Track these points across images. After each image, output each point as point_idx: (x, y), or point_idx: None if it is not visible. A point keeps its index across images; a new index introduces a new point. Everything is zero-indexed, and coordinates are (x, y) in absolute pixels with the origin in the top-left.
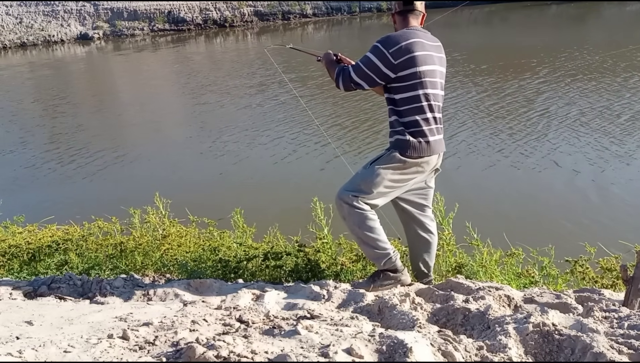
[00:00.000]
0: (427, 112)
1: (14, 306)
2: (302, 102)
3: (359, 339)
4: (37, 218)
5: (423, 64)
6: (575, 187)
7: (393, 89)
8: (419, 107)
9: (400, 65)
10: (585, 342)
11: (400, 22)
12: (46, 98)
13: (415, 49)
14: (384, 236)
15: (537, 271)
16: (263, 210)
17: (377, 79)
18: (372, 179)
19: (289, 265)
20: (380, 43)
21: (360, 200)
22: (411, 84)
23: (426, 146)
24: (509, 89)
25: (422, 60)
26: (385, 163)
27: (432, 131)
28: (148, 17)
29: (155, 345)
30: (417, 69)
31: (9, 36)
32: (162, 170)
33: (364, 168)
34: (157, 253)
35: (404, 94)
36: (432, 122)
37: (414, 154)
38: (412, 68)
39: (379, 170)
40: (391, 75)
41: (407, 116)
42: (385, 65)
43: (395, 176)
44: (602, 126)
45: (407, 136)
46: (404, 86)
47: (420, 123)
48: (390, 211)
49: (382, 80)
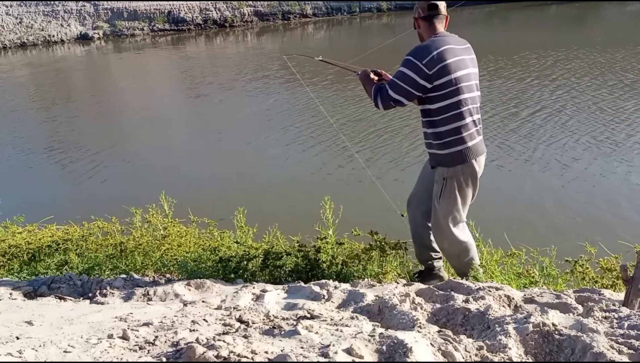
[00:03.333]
0: (467, 117)
1: (14, 306)
2: (322, 109)
3: (359, 339)
4: (37, 218)
5: (457, 70)
6: (576, 187)
7: (429, 99)
8: (457, 114)
9: (435, 74)
10: (585, 342)
11: (425, 27)
12: (46, 98)
13: (447, 56)
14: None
15: (537, 271)
16: (263, 210)
17: (415, 92)
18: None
19: (289, 265)
20: (412, 55)
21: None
22: (448, 92)
23: (465, 152)
24: (509, 88)
25: (455, 66)
26: (448, 191)
27: (471, 136)
28: (148, 17)
29: (155, 345)
30: (451, 76)
31: (9, 36)
32: (163, 170)
33: (437, 203)
34: (157, 253)
35: (441, 103)
36: (471, 127)
37: (458, 163)
38: (446, 76)
39: (450, 201)
40: (427, 85)
41: (445, 125)
42: (420, 76)
43: (462, 191)
44: (602, 126)
45: (446, 150)
46: (440, 95)
47: (460, 130)
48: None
49: (419, 92)
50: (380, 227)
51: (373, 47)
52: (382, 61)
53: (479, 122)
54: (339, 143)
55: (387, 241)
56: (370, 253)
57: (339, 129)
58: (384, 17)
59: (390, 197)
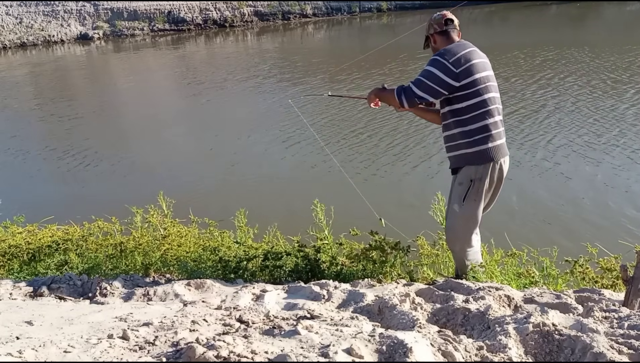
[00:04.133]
0: (495, 115)
1: (14, 306)
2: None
3: (359, 339)
4: (37, 218)
5: (482, 70)
6: (575, 187)
7: (456, 98)
8: (486, 111)
9: (463, 73)
10: (585, 342)
11: (442, 41)
12: (46, 98)
13: (473, 57)
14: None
15: (537, 271)
16: (264, 211)
17: (441, 90)
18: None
19: (289, 265)
20: (439, 55)
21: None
22: (476, 90)
23: (494, 151)
24: (509, 87)
25: (481, 67)
26: (474, 194)
27: (499, 134)
28: (148, 17)
29: (155, 345)
30: (478, 75)
31: (9, 36)
32: (163, 170)
33: (460, 205)
34: (157, 253)
35: (470, 101)
36: (499, 125)
37: (487, 161)
38: (473, 75)
39: (475, 203)
40: (455, 84)
41: (474, 123)
42: (447, 75)
43: (486, 194)
44: (601, 126)
45: (475, 148)
46: (469, 93)
47: (489, 128)
48: (391, 212)
49: (445, 90)
50: (380, 227)
51: (372, 48)
52: (382, 61)
53: (502, 123)
54: (340, 143)
55: (387, 241)
56: (370, 253)
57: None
58: (384, 17)
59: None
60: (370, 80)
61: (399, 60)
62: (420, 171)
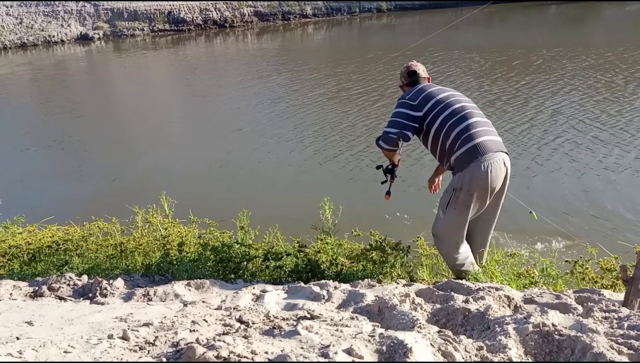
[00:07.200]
0: (468, 119)
1: (14, 306)
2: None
3: (359, 339)
4: (37, 218)
5: (440, 93)
6: (575, 187)
7: (427, 125)
8: (457, 119)
9: (421, 103)
10: (585, 342)
11: (409, 89)
12: (46, 98)
13: (427, 88)
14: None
15: (537, 272)
16: (263, 211)
17: (408, 122)
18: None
19: (289, 265)
20: (401, 98)
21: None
22: (439, 109)
23: (473, 150)
24: (507, 87)
25: (436, 92)
26: (454, 203)
27: (478, 134)
28: (148, 17)
29: (156, 345)
30: (436, 98)
31: (9, 36)
32: (163, 170)
33: (443, 212)
34: (158, 253)
35: (438, 119)
36: (477, 125)
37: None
38: (431, 100)
39: (456, 212)
40: (419, 114)
41: (450, 133)
42: (409, 108)
43: (468, 204)
44: (601, 127)
45: (455, 154)
46: (433, 115)
47: (463, 131)
48: (391, 211)
49: (413, 122)
50: (380, 227)
51: (372, 48)
52: (383, 60)
53: (485, 124)
54: (341, 144)
55: (388, 242)
56: (370, 254)
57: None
58: (384, 17)
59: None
60: (366, 75)
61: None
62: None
